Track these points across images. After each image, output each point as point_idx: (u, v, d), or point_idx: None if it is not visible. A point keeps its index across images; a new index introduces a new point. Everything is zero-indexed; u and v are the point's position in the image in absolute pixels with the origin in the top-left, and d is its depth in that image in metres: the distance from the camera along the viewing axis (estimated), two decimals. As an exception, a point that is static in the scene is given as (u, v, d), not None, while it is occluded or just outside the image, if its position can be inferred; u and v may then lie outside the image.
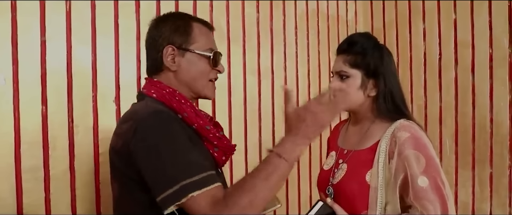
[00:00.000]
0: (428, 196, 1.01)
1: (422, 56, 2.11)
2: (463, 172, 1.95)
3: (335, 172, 1.16)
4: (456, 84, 1.97)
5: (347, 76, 1.13)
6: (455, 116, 1.98)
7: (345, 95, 1.07)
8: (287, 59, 2.10)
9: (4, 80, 1.35)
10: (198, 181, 0.85)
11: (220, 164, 1.06)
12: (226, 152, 1.06)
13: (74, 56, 1.48)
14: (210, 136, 1.02)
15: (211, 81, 1.09)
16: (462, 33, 1.95)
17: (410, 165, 1.03)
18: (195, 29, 1.05)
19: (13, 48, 1.37)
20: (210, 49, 1.06)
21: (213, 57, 1.05)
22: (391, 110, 1.13)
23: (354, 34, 1.22)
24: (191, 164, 0.87)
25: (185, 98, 1.02)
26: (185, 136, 0.92)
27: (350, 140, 1.21)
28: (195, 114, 1.01)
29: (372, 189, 1.06)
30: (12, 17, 1.36)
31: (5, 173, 1.34)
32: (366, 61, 1.11)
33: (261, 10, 1.99)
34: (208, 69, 1.06)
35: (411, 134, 1.06)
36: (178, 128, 0.92)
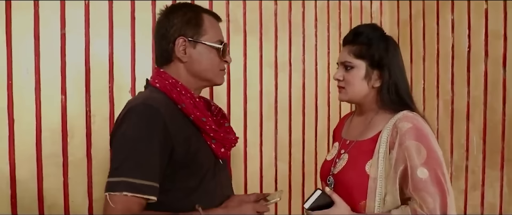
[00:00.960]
0: (427, 188, 0.99)
1: (450, 49, 2.00)
2: (491, 172, 1.83)
3: (336, 162, 1.16)
4: (486, 78, 1.85)
5: (352, 67, 1.13)
6: (483, 112, 1.86)
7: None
8: (305, 52, 2.07)
9: (27, 71, 1.44)
10: (137, 185, 0.90)
11: (219, 156, 1.07)
12: (224, 144, 1.07)
13: (92, 48, 1.55)
14: (206, 128, 1.03)
15: (221, 70, 1.11)
16: (493, 24, 1.82)
17: (411, 156, 1.01)
18: (205, 21, 1.07)
19: (35, 41, 1.45)
20: (219, 41, 1.08)
21: (222, 48, 1.07)
22: (395, 101, 1.11)
23: (360, 25, 1.21)
24: (142, 167, 0.92)
25: (187, 89, 1.04)
26: (157, 138, 0.94)
27: (353, 131, 1.20)
28: (193, 106, 1.03)
29: (371, 179, 1.05)
30: (35, 12, 1.45)
31: (27, 159, 1.44)
32: (371, 52, 1.11)
33: (279, 2, 1.97)
34: (218, 60, 1.08)
35: (413, 125, 1.04)
36: (155, 127, 0.94)
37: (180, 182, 1.00)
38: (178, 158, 0.98)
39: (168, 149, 0.96)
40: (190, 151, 1.00)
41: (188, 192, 1.01)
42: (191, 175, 1.01)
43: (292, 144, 2.02)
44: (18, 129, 1.42)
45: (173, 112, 1.00)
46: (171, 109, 1.00)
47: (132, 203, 0.91)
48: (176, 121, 0.99)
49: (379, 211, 1.05)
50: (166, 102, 1.01)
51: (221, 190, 1.09)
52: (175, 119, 0.99)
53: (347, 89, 1.13)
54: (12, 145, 1.41)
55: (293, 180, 2.02)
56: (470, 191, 1.92)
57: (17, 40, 1.42)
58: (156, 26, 1.10)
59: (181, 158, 0.98)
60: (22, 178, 1.43)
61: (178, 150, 0.97)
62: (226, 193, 1.11)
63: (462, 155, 1.94)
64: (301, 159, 2.04)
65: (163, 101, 1.01)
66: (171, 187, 0.99)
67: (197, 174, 1.02)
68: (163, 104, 0.99)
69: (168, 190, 0.99)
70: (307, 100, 2.07)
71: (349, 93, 1.13)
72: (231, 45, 1.84)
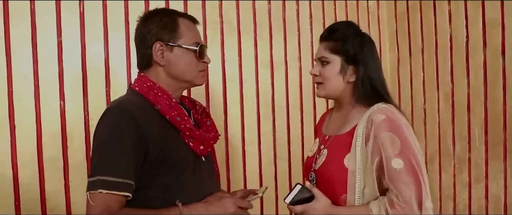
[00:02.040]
0: (402, 178, 1.01)
1: (448, 40, 1.97)
2: (494, 163, 1.79)
3: (317, 158, 1.18)
4: (485, 68, 1.82)
5: (328, 62, 1.15)
6: (484, 103, 1.82)
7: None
8: (301, 49, 2.07)
9: (25, 77, 1.50)
10: (112, 182, 0.95)
11: (198, 153, 1.11)
12: (202, 141, 1.11)
13: (88, 54, 1.59)
14: (181, 127, 1.07)
15: (200, 72, 1.14)
16: (490, 13, 1.79)
17: (385, 147, 1.03)
18: (181, 24, 1.11)
19: (33, 48, 1.51)
20: (195, 43, 1.11)
21: (199, 50, 1.10)
22: (370, 95, 1.13)
23: (336, 22, 1.25)
24: (115, 165, 0.97)
25: (163, 91, 1.09)
26: (129, 138, 0.98)
27: (332, 126, 1.23)
28: (168, 107, 1.07)
29: (350, 173, 1.07)
30: (31, 20, 1.50)
31: (29, 162, 1.49)
32: (346, 47, 1.14)
33: (273, 1, 1.98)
34: (195, 62, 1.12)
35: (386, 116, 1.06)
36: (127, 128, 0.99)
37: (157, 179, 1.03)
38: (153, 156, 1.01)
39: (142, 148, 1.00)
40: (165, 149, 1.03)
41: (165, 189, 1.04)
42: (167, 172, 1.04)
43: (291, 142, 2.03)
44: (19, 134, 1.47)
45: (149, 113, 1.05)
46: (147, 111, 1.05)
47: (110, 201, 0.95)
48: (151, 121, 1.03)
49: (359, 204, 1.07)
50: (142, 104, 1.06)
51: (203, 186, 1.11)
52: (150, 119, 1.03)
53: (324, 84, 1.16)
54: (14, 149, 1.47)
55: (293, 177, 2.02)
56: (473, 184, 1.88)
57: (15, 48, 1.47)
58: (135, 32, 1.15)
59: (156, 156, 1.02)
60: (25, 181, 1.48)
61: (153, 148, 1.01)
62: (210, 190, 1.12)
63: (464, 147, 1.91)
64: (300, 157, 2.04)
65: (139, 103, 1.06)
66: (149, 184, 1.03)
67: (173, 171, 1.05)
68: (137, 106, 1.04)
69: (146, 187, 1.02)
70: (305, 97, 2.08)
71: (326, 88, 1.16)
72: (226, 45, 1.86)
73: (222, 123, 1.86)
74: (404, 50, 2.23)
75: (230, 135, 1.88)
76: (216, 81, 1.85)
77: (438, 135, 2.05)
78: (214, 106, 1.85)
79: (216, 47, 1.85)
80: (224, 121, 1.87)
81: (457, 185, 1.97)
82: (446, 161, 2.01)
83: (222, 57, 1.86)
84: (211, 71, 1.82)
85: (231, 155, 1.88)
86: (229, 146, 1.88)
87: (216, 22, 1.85)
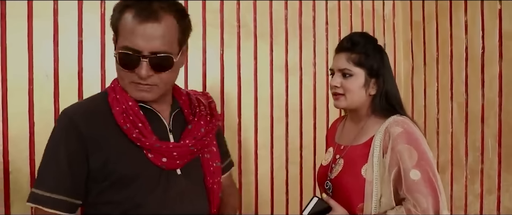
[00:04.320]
0: (420, 189, 1.03)
1: (464, 50, 1.97)
2: (507, 176, 1.79)
3: (332, 167, 1.20)
4: (500, 79, 1.81)
5: (351, 75, 1.16)
6: (498, 115, 1.82)
7: None
8: (316, 55, 2.08)
9: (46, 75, 1.53)
10: (41, 197, 0.88)
11: (162, 166, 0.93)
12: (162, 153, 0.92)
13: (107, 54, 1.62)
14: (132, 136, 0.90)
15: (132, 83, 0.91)
16: (507, 24, 1.78)
17: (403, 159, 1.05)
18: (122, 20, 0.88)
19: (54, 47, 1.54)
20: (124, 47, 0.88)
21: (118, 56, 0.89)
22: (385, 107, 1.16)
23: (354, 33, 1.24)
24: (46, 179, 0.89)
25: (123, 94, 0.93)
26: (66, 148, 0.88)
27: (347, 136, 1.24)
28: (120, 113, 0.91)
29: (367, 183, 1.09)
30: (54, 20, 1.53)
31: (46, 159, 1.51)
32: (370, 61, 1.15)
33: (290, 6, 2.00)
34: (121, 69, 0.91)
35: (404, 129, 1.08)
36: (66, 138, 0.89)
37: (106, 195, 0.91)
38: (94, 168, 0.90)
39: (82, 160, 0.89)
40: (110, 162, 0.90)
41: (116, 206, 0.91)
42: (115, 188, 0.90)
43: (303, 147, 2.04)
44: (38, 130, 1.50)
45: (104, 120, 0.92)
46: (103, 116, 0.92)
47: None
48: (102, 129, 0.90)
49: (376, 213, 1.09)
50: (102, 107, 0.94)
51: (174, 205, 0.95)
52: (101, 127, 0.91)
53: (346, 96, 1.16)
54: (33, 146, 1.50)
55: (305, 183, 2.03)
56: (485, 195, 1.88)
57: (37, 46, 1.51)
58: None
59: (98, 169, 0.90)
60: (42, 177, 1.50)
61: (93, 160, 0.89)
62: (190, 206, 0.97)
63: (477, 158, 1.90)
64: (312, 162, 2.05)
65: (97, 106, 0.94)
66: (100, 200, 0.91)
67: (123, 186, 0.90)
68: (91, 110, 0.93)
69: (99, 203, 0.92)
70: (318, 103, 2.09)
71: (348, 100, 1.17)
72: (242, 49, 1.88)
73: (236, 126, 1.88)
74: (419, 59, 2.23)
75: (243, 138, 1.90)
76: (231, 84, 1.87)
77: (450, 145, 2.04)
78: (229, 109, 1.86)
79: (232, 51, 1.87)
80: (238, 124, 1.88)
81: (469, 196, 1.96)
82: (458, 172, 2.01)
83: (238, 61, 1.88)
84: (227, 74, 1.84)
85: (243, 158, 1.89)
86: (242, 149, 1.89)
87: (233, 26, 1.87)
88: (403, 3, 2.32)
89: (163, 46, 0.87)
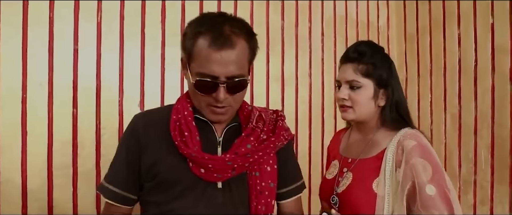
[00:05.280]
0: (436, 205, 1.00)
1: (457, 63, 2.00)
2: (500, 187, 1.81)
3: (339, 181, 1.14)
4: (493, 92, 1.84)
5: (359, 87, 1.10)
6: (491, 127, 1.84)
7: None
8: (312, 66, 2.09)
9: (40, 84, 1.50)
10: (103, 187, 1.02)
11: (200, 177, 0.95)
12: (199, 164, 0.95)
13: (103, 63, 1.60)
14: (175, 144, 0.96)
15: (209, 106, 0.95)
16: (499, 38, 1.82)
17: (418, 174, 1.01)
18: (198, 44, 0.90)
19: (49, 55, 1.51)
20: (200, 74, 0.90)
21: (195, 84, 0.91)
22: (395, 119, 1.12)
23: (360, 43, 1.16)
24: (110, 171, 1.04)
25: (185, 106, 0.99)
26: (127, 148, 1.01)
27: (354, 149, 1.19)
28: (174, 121, 0.98)
29: (379, 198, 1.04)
30: (49, 28, 1.51)
31: (38, 169, 1.48)
32: (378, 72, 1.10)
33: (286, 18, 2.01)
34: (197, 93, 0.93)
35: (417, 143, 1.05)
36: (128, 137, 1.01)
37: (151, 194, 0.99)
38: (144, 168, 0.98)
39: (136, 159, 0.99)
40: (157, 165, 0.97)
41: (157, 206, 0.98)
42: (158, 190, 0.97)
43: (299, 158, 2.03)
44: (30, 141, 1.47)
45: (160, 125, 1.00)
46: (160, 122, 1.00)
47: (108, 208, 1.03)
48: (156, 133, 0.99)
49: None
50: (163, 114, 1.02)
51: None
52: (156, 131, 0.99)
53: (354, 109, 1.11)
54: (25, 155, 1.46)
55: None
56: (478, 206, 1.89)
57: (31, 54, 1.48)
58: None
59: (147, 170, 0.98)
60: (33, 188, 1.47)
61: (144, 161, 0.98)
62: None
63: (470, 169, 1.92)
64: (307, 174, 2.05)
65: (159, 113, 1.04)
66: (146, 198, 1.01)
67: (164, 190, 0.97)
68: (157, 116, 1.02)
69: (145, 201, 1.02)
70: (314, 114, 2.09)
71: (356, 112, 1.11)
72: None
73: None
74: (413, 70, 2.26)
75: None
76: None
77: (444, 156, 2.06)
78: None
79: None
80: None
81: (462, 207, 1.97)
82: (451, 182, 2.02)
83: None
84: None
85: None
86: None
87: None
88: (397, 16, 2.35)
89: (238, 70, 0.90)
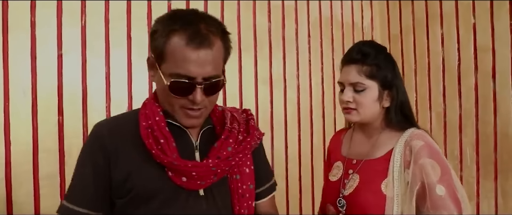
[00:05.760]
0: (446, 205, 0.99)
1: (441, 62, 2.05)
2: (485, 182, 1.86)
3: (345, 183, 1.12)
4: (476, 91, 1.89)
5: (364, 89, 1.08)
6: (475, 124, 1.89)
7: None
8: (300, 67, 2.10)
9: (23, 92, 1.44)
10: (63, 207, 0.90)
11: (182, 186, 0.89)
12: (181, 172, 0.88)
13: (89, 68, 1.56)
14: (151, 152, 0.88)
15: (182, 108, 0.89)
16: (481, 38, 1.87)
17: (427, 174, 1.01)
18: (171, 43, 0.83)
19: (32, 61, 1.46)
20: (175, 75, 0.84)
21: (170, 85, 0.84)
22: (400, 119, 1.11)
23: (363, 43, 1.13)
24: (72, 190, 0.92)
25: (155, 111, 0.91)
26: (91, 161, 0.90)
27: (358, 150, 1.17)
28: (146, 127, 0.89)
29: (388, 199, 1.03)
30: (31, 33, 1.46)
31: (24, 179, 1.43)
32: (383, 73, 1.08)
33: (273, 19, 2.01)
34: (170, 95, 0.86)
35: (425, 143, 1.04)
36: (93, 149, 0.90)
37: (127, 210, 0.89)
38: (116, 182, 0.88)
39: (105, 173, 0.88)
40: (132, 178, 0.88)
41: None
42: (135, 204, 0.88)
43: (289, 160, 2.03)
44: (14, 150, 1.41)
45: (133, 134, 0.90)
46: (127, 131, 0.91)
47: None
48: (125, 143, 0.89)
49: None
50: (129, 122, 0.92)
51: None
52: (125, 141, 0.89)
53: (359, 111, 1.10)
54: (9, 166, 1.40)
55: (290, 194, 2.02)
56: (465, 202, 1.94)
57: (13, 61, 1.42)
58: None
59: (120, 183, 0.88)
60: (19, 200, 1.41)
61: (116, 174, 0.88)
62: None
63: (456, 166, 1.97)
64: (297, 175, 2.05)
65: (129, 120, 0.92)
66: (120, 214, 0.90)
67: (143, 203, 0.88)
68: (122, 124, 0.92)
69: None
70: (302, 115, 2.09)
71: (361, 114, 1.10)
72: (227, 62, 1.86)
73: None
74: (397, 70, 2.30)
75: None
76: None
77: (430, 154, 2.10)
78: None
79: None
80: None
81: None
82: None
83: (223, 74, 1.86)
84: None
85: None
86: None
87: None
88: (381, 17, 2.38)
89: (215, 71, 0.86)
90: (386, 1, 2.37)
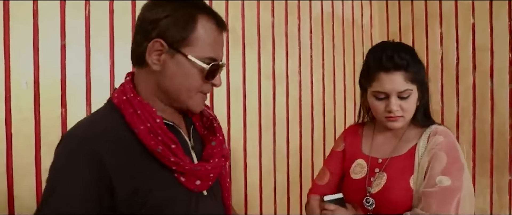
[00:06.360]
0: (437, 196, 1.02)
1: (439, 61, 2.08)
2: (481, 179, 1.91)
3: (372, 181, 1.13)
4: (474, 89, 1.94)
5: (409, 95, 1.09)
6: (472, 122, 1.94)
7: None
8: (301, 63, 2.10)
9: (25, 84, 1.40)
10: None
11: (194, 189, 0.85)
12: (198, 176, 0.84)
13: (93, 60, 1.52)
14: (165, 160, 0.81)
15: (200, 93, 0.87)
16: (480, 37, 1.91)
17: (433, 163, 1.05)
18: (199, 27, 0.81)
19: (34, 52, 1.41)
20: (208, 58, 0.82)
21: (209, 69, 0.82)
22: (424, 117, 1.15)
23: (399, 48, 1.10)
24: (61, 212, 0.75)
25: (145, 108, 0.82)
26: (85, 174, 0.76)
27: (382, 148, 1.18)
28: (147, 131, 0.80)
29: (416, 193, 1.07)
30: (34, 23, 1.41)
31: (26, 174, 1.38)
32: (420, 76, 1.11)
33: (276, 15, 2.00)
34: (199, 82, 0.84)
35: (446, 139, 1.08)
36: (84, 161, 0.76)
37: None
38: (122, 197, 0.77)
39: (104, 190, 0.77)
40: (141, 189, 0.79)
41: None
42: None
43: (290, 154, 2.04)
44: (16, 144, 1.37)
45: (122, 139, 0.80)
46: (119, 135, 0.80)
47: None
48: (125, 154, 0.79)
49: None
50: (114, 124, 0.81)
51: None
52: (124, 151, 0.79)
53: (405, 117, 1.11)
54: (11, 160, 1.36)
55: (291, 190, 2.03)
56: (461, 198, 1.99)
57: (15, 52, 1.38)
58: (139, 15, 0.85)
59: (128, 198, 0.78)
60: (21, 194, 1.37)
61: (121, 190, 0.77)
62: None
63: (452, 163, 2.01)
64: (298, 169, 2.06)
65: (108, 124, 0.81)
66: None
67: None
68: (102, 129, 0.80)
69: None
70: (303, 111, 2.10)
71: (406, 119, 1.12)
72: (231, 57, 1.85)
73: (225, 134, 1.84)
74: (395, 68, 2.33)
75: (232, 147, 1.86)
76: (221, 92, 1.83)
77: (427, 151, 2.15)
78: (218, 117, 1.82)
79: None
80: (228, 132, 1.85)
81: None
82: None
83: (227, 68, 1.85)
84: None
85: (232, 167, 1.86)
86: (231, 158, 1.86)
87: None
88: (380, 14, 2.41)
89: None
90: (385, 0, 2.39)
